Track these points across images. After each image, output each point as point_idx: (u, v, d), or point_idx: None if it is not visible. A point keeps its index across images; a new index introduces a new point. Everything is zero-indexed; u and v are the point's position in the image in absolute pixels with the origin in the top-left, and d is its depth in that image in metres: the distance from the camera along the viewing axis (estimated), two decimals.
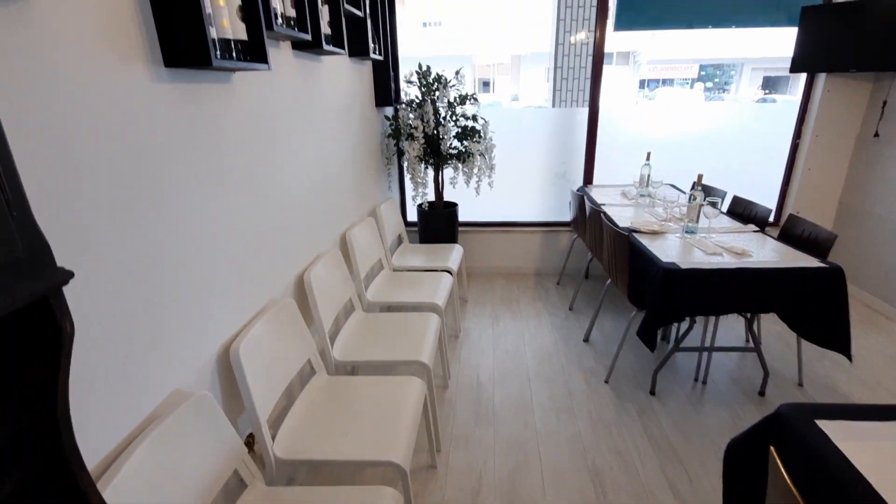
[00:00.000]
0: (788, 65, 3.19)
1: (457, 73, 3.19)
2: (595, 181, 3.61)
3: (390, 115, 3.19)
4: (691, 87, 21.30)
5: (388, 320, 2.14)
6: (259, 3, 1.30)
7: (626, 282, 2.24)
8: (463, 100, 3.19)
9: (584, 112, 3.56)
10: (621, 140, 3.75)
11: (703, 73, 21.39)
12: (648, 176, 3.21)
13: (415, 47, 18.71)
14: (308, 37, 1.67)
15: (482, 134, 3.19)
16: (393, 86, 3.16)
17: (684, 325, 2.71)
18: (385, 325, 2.11)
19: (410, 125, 3.03)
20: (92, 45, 0.89)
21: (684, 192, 3.30)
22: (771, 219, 3.49)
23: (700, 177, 2.48)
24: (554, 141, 3.72)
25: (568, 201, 3.73)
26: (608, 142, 3.63)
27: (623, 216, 2.73)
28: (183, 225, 1.17)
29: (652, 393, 2.26)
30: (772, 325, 2.90)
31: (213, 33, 1.14)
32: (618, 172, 3.67)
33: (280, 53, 1.70)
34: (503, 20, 18.51)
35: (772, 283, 1.95)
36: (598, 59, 3.34)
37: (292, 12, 1.59)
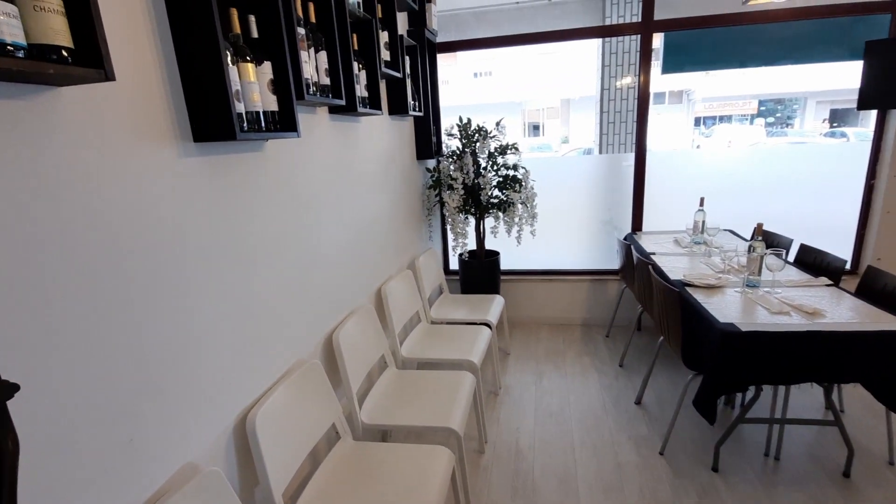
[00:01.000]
0: (856, 96, 2.95)
1: (497, 123, 3.21)
2: (645, 227, 3.44)
3: (431, 167, 3.23)
4: (751, 122, 20.46)
5: (422, 379, 2.07)
6: (290, 77, 1.35)
7: (679, 342, 2.05)
8: (504, 150, 3.19)
9: (631, 157, 3.44)
10: (675, 183, 3.58)
11: (763, 108, 20.54)
12: (703, 222, 3.01)
13: (466, 97, 19.41)
14: (342, 102, 1.72)
15: (523, 183, 3.15)
16: (434, 139, 3.21)
17: (750, 391, 2.43)
18: (418, 384, 2.03)
19: (450, 176, 3.05)
20: (121, 131, 0.94)
21: (745, 239, 3.06)
22: (847, 267, 3.15)
23: (759, 226, 2.28)
24: (601, 187, 3.62)
25: (616, 248, 3.57)
26: (659, 186, 3.47)
27: (675, 267, 2.55)
28: (204, 297, 1.18)
29: (714, 469, 2.01)
30: (857, 390, 2.54)
31: (241, 107, 1.19)
32: (671, 217, 3.48)
33: (316, 118, 1.76)
34: (552, 66, 18.86)
35: (850, 348, 1.71)
36: (644, 103, 3.25)
37: (326, 80, 1.65)
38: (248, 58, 1.24)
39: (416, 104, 2.75)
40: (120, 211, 0.94)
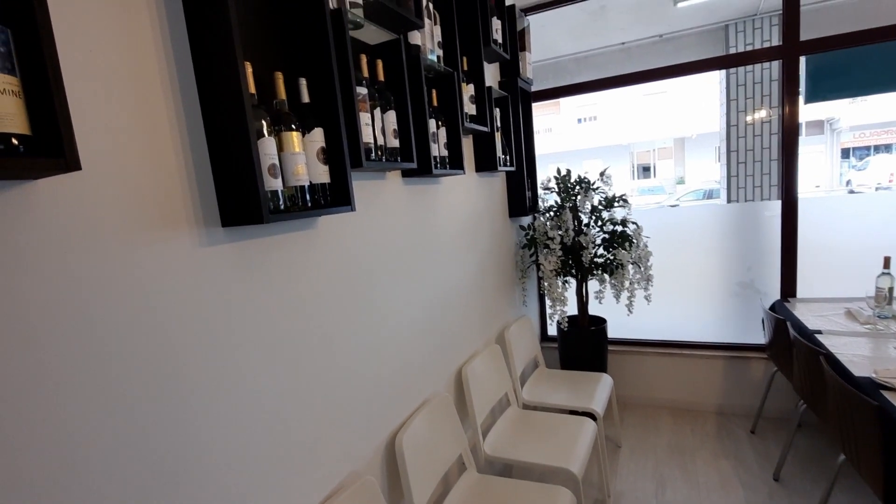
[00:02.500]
0: None
1: (602, 174, 2.82)
2: (800, 293, 2.72)
3: (526, 225, 2.91)
4: None
5: (511, 489, 1.68)
6: (344, 143, 1.16)
7: (881, 479, 1.42)
8: (609, 203, 2.78)
9: (773, 206, 2.81)
10: (836, 234, 2.84)
11: None
12: (891, 289, 2.27)
13: (570, 143, 19.06)
14: (413, 165, 1.51)
15: (634, 240, 2.68)
16: (529, 194, 2.92)
17: None
18: (502, 496, 1.64)
19: (546, 235, 2.70)
20: (119, 224, 0.79)
21: None
22: None
23: None
24: (735, 241, 2.99)
25: (760, 318, 2.86)
26: (814, 238, 2.77)
27: (857, 355, 1.88)
28: (225, 416, 0.98)
29: None
30: None
31: (278, 184, 1.01)
32: (834, 280, 2.73)
33: (385, 184, 1.58)
34: (664, 105, 17.82)
35: None
36: (790, 138, 2.65)
37: (395, 142, 1.46)
38: (293, 126, 1.07)
39: (507, 158, 2.50)
40: (127, 319, 0.77)
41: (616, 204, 2.77)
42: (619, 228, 2.74)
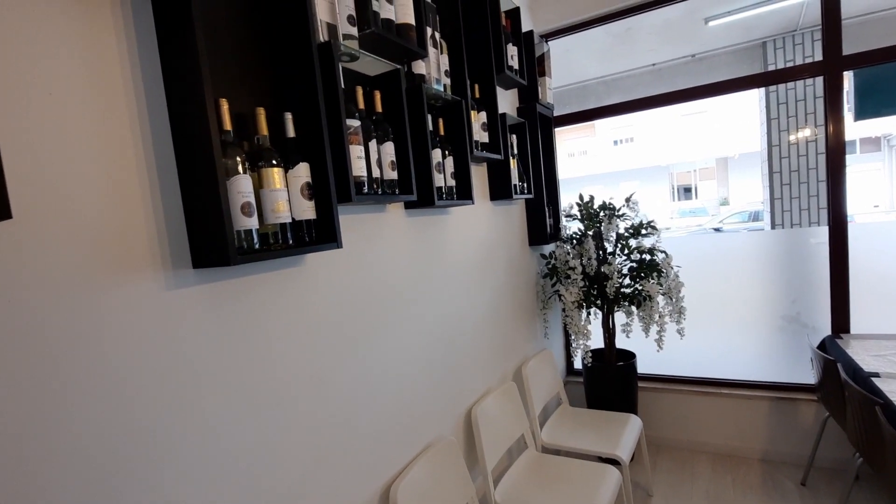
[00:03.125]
0: None
1: (627, 199, 2.69)
2: (854, 328, 2.46)
3: (548, 253, 2.79)
4: None
5: None
6: (330, 178, 1.12)
7: None
8: (636, 231, 2.63)
9: (820, 232, 2.58)
10: (892, 262, 2.59)
11: None
12: None
13: (606, 165, 18.75)
14: (412, 197, 1.45)
15: (663, 270, 2.51)
16: (550, 221, 2.81)
17: None
18: None
19: (567, 264, 2.58)
20: (69, 270, 0.76)
21: None
22: None
23: None
24: (779, 270, 2.76)
25: (809, 357, 2.60)
26: (870, 267, 2.53)
27: None
28: (210, 456, 0.92)
29: None
30: None
31: (252, 223, 0.96)
32: (892, 313, 2.46)
33: (385, 217, 1.52)
34: (704, 124, 17.31)
35: None
36: (837, 158, 2.45)
37: (393, 174, 1.40)
38: (274, 161, 1.04)
39: (525, 186, 2.41)
40: (82, 369, 0.73)
41: (643, 231, 2.63)
42: (647, 257, 2.58)
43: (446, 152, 1.73)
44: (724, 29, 4.03)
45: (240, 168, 0.96)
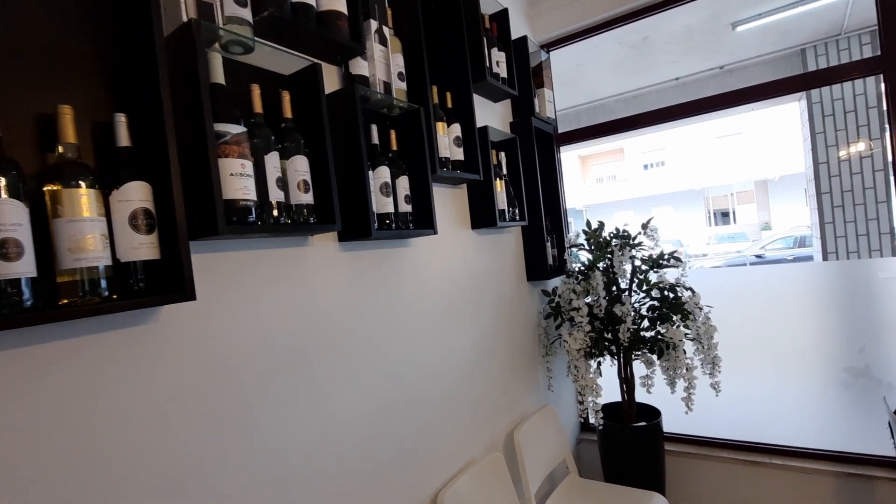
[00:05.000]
0: None
1: (644, 225, 2.27)
2: None
3: (551, 289, 2.39)
4: None
5: None
6: (175, 201, 0.79)
7: None
8: (655, 262, 2.20)
9: (886, 264, 2.08)
10: None
11: None
12: None
13: (636, 190, 18.13)
14: (334, 227, 1.11)
15: (690, 312, 2.06)
16: (553, 252, 2.42)
17: None
18: None
19: (570, 303, 2.16)
20: None
21: None
22: None
23: None
24: (837, 312, 2.26)
25: (887, 421, 2.06)
26: None
27: None
28: None
29: None
30: None
31: (15, 268, 0.64)
32: None
33: (308, 252, 1.18)
34: (740, 145, 16.56)
35: None
36: None
37: (305, 198, 1.07)
38: (79, 181, 0.72)
39: (516, 212, 2.04)
40: None
41: (664, 263, 2.19)
42: (670, 295, 2.14)
43: (398, 171, 1.39)
44: (756, 34, 3.61)
45: (2, 192, 0.64)
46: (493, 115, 2.12)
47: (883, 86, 2.03)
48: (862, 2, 3.54)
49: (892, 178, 1.84)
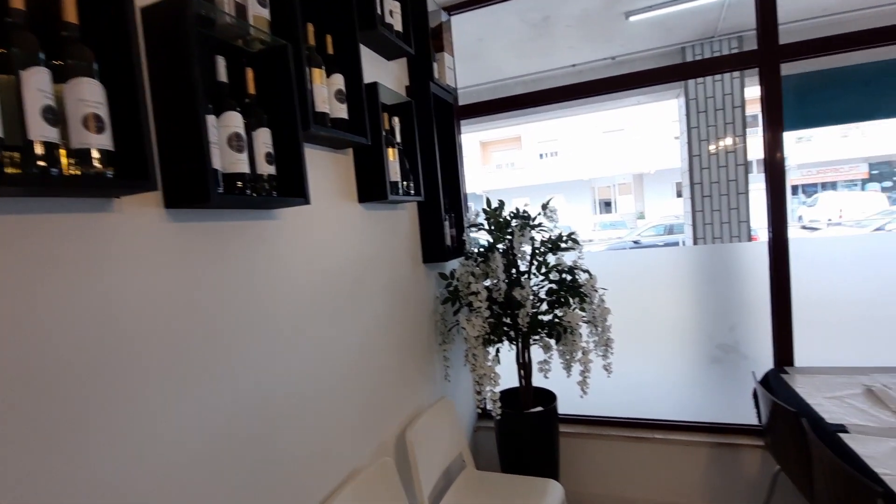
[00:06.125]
0: None
1: (545, 206, 2.18)
2: (799, 360, 2.11)
3: (449, 272, 2.22)
4: (862, 188, 17.86)
5: None
6: None
7: None
8: (555, 244, 2.13)
9: (751, 246, 2.23)
10: (821, 282, 2.29)
11: (874, 171, 18.02)
12: None
13: (532, 178, 18.98)
14: (150, 187, 0.79)
15: (586, 295, 2.03)
16: (452, 232, 2.25)
17: None
18: None
19: (468, 287, 2.01)
20: None
21: None
22: None
23: None
24: (709, 291, 2.39)
25: (751, 389, 2.21)
26: (804, 288, 2.20)
27: (883, 453, 1.23)
28: None
29: None
30: None
31: None
32: (834, 341, 2.14)
33: (114, 221, 0.85)
34: (622, 140, 18.08)
35: None
36: (776, 165, 2.10)
37: (98, 140, 0.74)
38: None
39: (411, 185, 1.82)
40: None
41: (563, 245, 2.13)
42: (568, 278, 2.09)
43: (254, 122, 1.09)
44: (646, 28, 3.77)
45: None
46: (386, 74, 1.86)
47: (760, 80, 2.13)
48: (733, 7, 3.85)
49: (763, 170, 1.94)
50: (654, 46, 4.28)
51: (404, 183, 1.77)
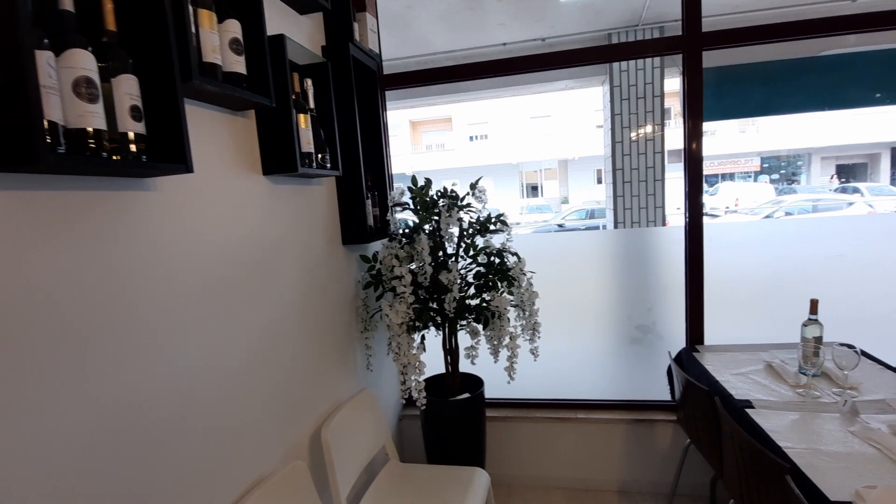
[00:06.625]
0: (861, 151, 1.93)
1: (473, 185, 2.08)
2: (708, 338, 2.21)
3: (372, 255, 2.06)
4: (755, 180, 19.87)
5: None
6: None
7: None
8: (483, 226, 2.05)
9: (666, 231, 2.30)
10: (724, 264, 2.42)
11: (765, 164, 20.09)
12: (818, 340, 1.79)
13: (462, 160, 19.00)
14: None
15: (515, 278, 1.97)
16: (375, 212, 2.09)
17: None
18: None
19: (391, 271, 1.88)
20: None
21: (887, 365, 1.81)
22: None
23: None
24: (628, 275, 2.45)
25: (667, 366, 2.30)
26: (713, 270, 2.30)
27: (817, 454, 1.30)
28: None
29: None
30: None
31: None
32: (735, 320, 2.28)
33: None
34: (549, 127, 18.59)
35: None
36: (695, 151, 2.15)
37: None
38: None
39: (327, 158, 1.63)
40: None
41: (492, 226, 2.05)
42: (496, 261, 2.02)
43: (116, 65, 0.86)
44: (576, 11, 3.78)
45: None
46: (297, 30, 1.64)
47: (683, 66, 2.16)
48: None
49: (684, 160, 1.97)
50: (583, 31, 4.32)
51: (319, 155, 1.58)
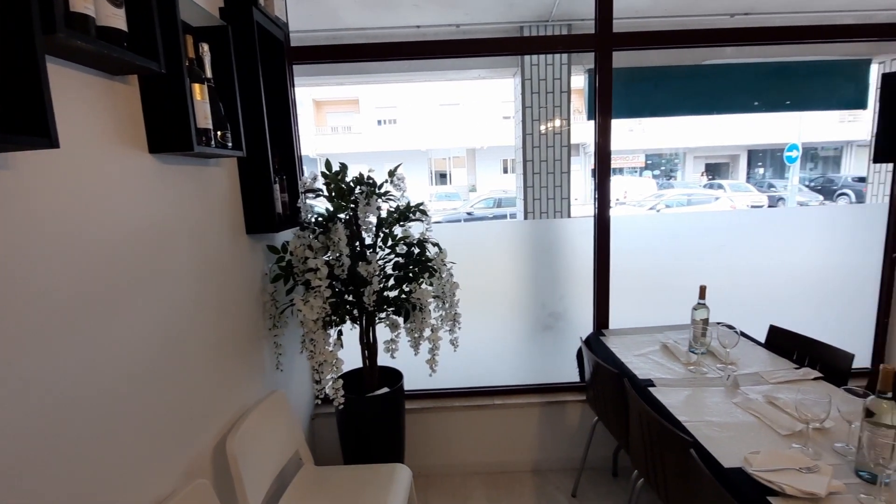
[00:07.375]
0: (725, 152, 2.26)
1: (391, 173, 1.98)
2: (613, 322, 2.37)
3: (280, 245, 1.89)
4: (640, 175, 21.97)
5: None
6: None
7: None
8: (403, 215, 1.97)
9: (576, 223, 2.42)
10: (628, 254, 2.60)
11: (649, 161, 22.29)
12: (705, 322, 2.00)
13: (370, 144, 18.52)
14: None
15: (436, 269, 1.93)
16: (283, 198, 1.91)
17: None
18: None
19: (305, 263, 1.74)
20: None
21: (761, 344, 2.07)
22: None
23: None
24: (540, 264, 2.53)
25: (577, 350, 2.41)
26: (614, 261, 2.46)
27: (710, 426, 1.44)
28: None
29: None
30: None
31: None
32: (634, 306, 2.47)
33: None
34: (457, 115, 18.79)
35: None
36: (603, 152, 2.26)
37: None
38: None
39: (228, 135, 1.44)
40: None
41: (412, 216, 1.99)
42: (416, 251, 1.96)
43: None
44: (490, 0, 3.79)
45: None
46: None
47: (595, 64, 2.24)
48: None
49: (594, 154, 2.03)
50: (496, 21, 4.37)
51: (219, 133, 1.39)
